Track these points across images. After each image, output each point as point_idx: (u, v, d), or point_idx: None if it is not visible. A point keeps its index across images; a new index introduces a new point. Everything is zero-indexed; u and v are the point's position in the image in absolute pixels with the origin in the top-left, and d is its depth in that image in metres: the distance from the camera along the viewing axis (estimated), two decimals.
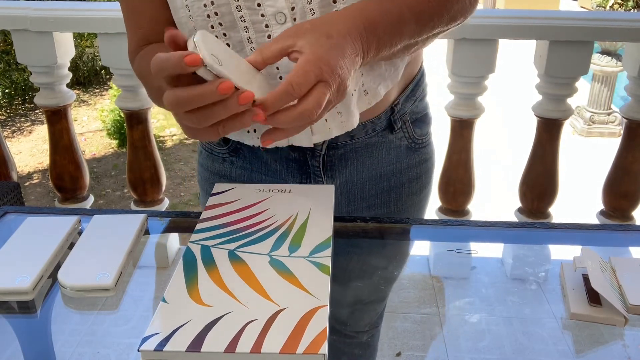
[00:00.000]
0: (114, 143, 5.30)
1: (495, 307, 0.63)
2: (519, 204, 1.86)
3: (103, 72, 6.89)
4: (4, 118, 5.94)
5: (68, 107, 1.84)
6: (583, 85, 3.18)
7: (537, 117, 1.72)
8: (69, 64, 1.80)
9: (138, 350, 0.47)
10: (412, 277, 0.71)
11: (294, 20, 0.66)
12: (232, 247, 0.61)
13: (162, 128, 5.54)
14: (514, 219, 1.83)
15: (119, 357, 0.57)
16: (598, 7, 8.91)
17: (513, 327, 0.61)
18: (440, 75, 1.78)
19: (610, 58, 5.44)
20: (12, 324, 0.61)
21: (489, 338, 0.59)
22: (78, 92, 6.48)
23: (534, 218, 1.83)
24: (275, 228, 0.64)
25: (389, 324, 0.64)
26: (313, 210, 0.67)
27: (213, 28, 0.68)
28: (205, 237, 0.63)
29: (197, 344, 0.47)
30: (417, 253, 0.76)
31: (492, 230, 0.77)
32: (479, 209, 1.98)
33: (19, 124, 5.81)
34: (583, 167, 4.61)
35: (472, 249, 0.74)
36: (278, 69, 0.70)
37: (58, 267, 0.66)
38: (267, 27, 0.67)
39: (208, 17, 0.67)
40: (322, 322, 0.49)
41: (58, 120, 1.84)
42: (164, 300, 0.52)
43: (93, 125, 5.74)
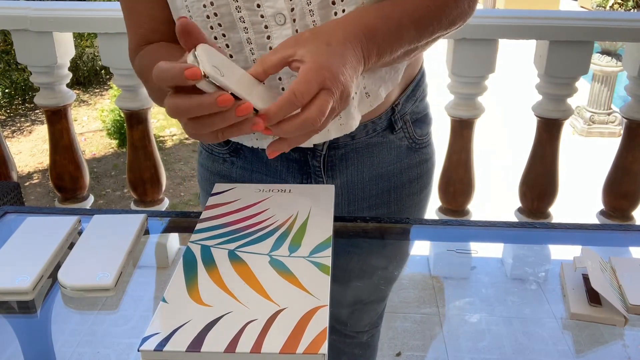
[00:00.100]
0: (114, 143, 5.30)
1: (495, 307, 0.63)
2: (519, 204, 1.86)
3: (103, 72, 6.89)
4: (4, 118, 5.94)
5: (68, 107, 1.84)
6: (583, 85, 3.18)
7: (537, 117, 1.72)
8: (69, 64, 1.80)
9: (138, 350, 0.47)
10: (412, 277, 0.71)
11: (294, 22, 0.66)
12: (232, 247, 0.61)
13: (162, 128, 5.54)
14: (514, 219, 1.83)
15: (119, 357, 0.57)
16: (598, 7, 8.92)
17: (513, 327, 0.61)
18: (441, 77, 1.78)
19: (610, 58, 5.44)
20: (12, 324, 0.61)
21: (489, 338, 0.59)
22: (78, 92, 6.48)
23: (534, 218, 1.83)
24: (275, 228, 0.64)
25: (389, 324, 0.64)
26: (313, 210, 0.67)
27: (212, 29, 0.68)
28: (205, 237, 0.63)
29: (197, 344, 0.47)
30: (417, 253, 0.76)
31: (492, 230, 0.77)
32: (479, 209, 1.98)
33: (19, 124, 5.81)
34: (583, 167, 4.61)
35: (472, 249, 0.74)
36: (280, 79, 0.70)
37: (58, 267, 0.66)
38: (266, 28, 0.67)
39: (208, 17, 0.67)
40: (322, 322, 0.49)
41: (58, 120, 1.84)
42: (164, 300, 0.52)
43: (93, 125, 5.74)
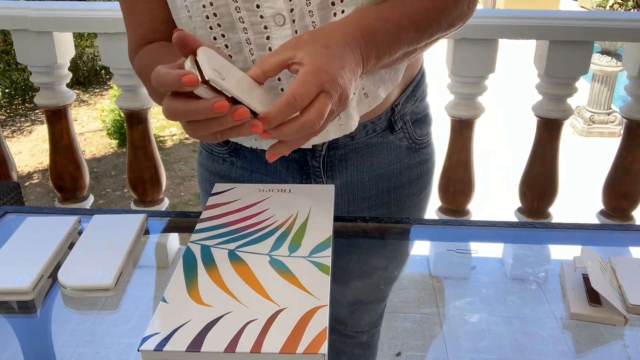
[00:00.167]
0: (114, 143, 5.30)
1: (495, 307, 0.63)
2: (519, 204, 1.86)
3: (103, 72, 6.89)
4: (4, 118, 5.94)
5: (68, 107, 1.84)
6: (583, 85, 3.18)
7: (537, 117, 1.72)
8: (69, 64, 1.80)
9: (138, 350, 0.47)
10: (412, 277, 0.71)
11: (293, 22, 0.66)
12: (232, 247, 0.61)
13: (162, 128, 5.54)
14: (514, 219, 1.83)
15: (119, 357, 0.57)
16: (598, 7, 8.92)
17: (513, 327, 0.61)
18: (441, 78, 1.78)
19: (610, 58, 5.44)
20: (12, 324, 0.61)
21: (489, 338, 0.59)
22: (78, 92, 6.48)
23: (534, 218, 1.83)
24: (275, 228, 0.64)
25: (389, 324, 0.64)
26: (313, 210, 0.67)
27: (212, 29, 0.68)
28: (205, 237, 0.63)
29: (197, 344, 0.47)
30: (417, 253, 0.76)
31: (492, 230, 0.77)
32: (479, 209, 1.98)
33: (19, 124, 5.81)
34: (583, 167, 4.61)
35: (472, 249, 0.74)
36: (280, 80, 0.70)
37: (58, 267, 0.66)
38: (265, 28, 0.67)
39: (207, 17, 0.67)
40: (322, 322, 0.49)
41: (58, 120, 1.84)
42: (164, 300, 0.52)
43: (93, 125, 5.74)
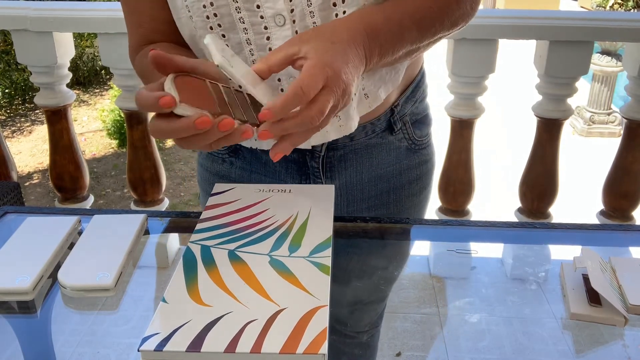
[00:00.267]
0: (114, 143, 5.30)
1: (495, 307, 0.63)
2: (519, 204, 1.86)
3: (103, 72, 6.89)
4: (4, 118, 5.94)
5: (68, 107, 1.84)
6: (583, 85, 3.18)
7: (537, 117, 1.72)
8: (69, 64, 1.80)
9: (138, 350, 0.47)
10: (412, 277, 0.71)
11: (293, 23, 0.66)
12: (232, 247, 0.61)
13: None
14: (514, 219, 1.83)
15: (119, 357, 0.57)
16: (598, 7, 8.91)
17: (513, 327, 0.61)
18: (441, 78, 1.78)
19: (610, 58, 5.44)
20: (12, 324, 0.61)
21: (489, 338, 0.59)
22: (78, 92, 6.48)
23: (534, 218, 1.83)
24: (275, 228, 0.64)
25: (389, 324, 0.64)
26: (313, 210, 0.67)
27: (212, 29, 0.68)
28: (205, 237, 0.63)
29: (197, 344, 0.47)
30: (417, 253, 0.76)
31: (492, 230, 0.77)
32: (479, 209, 1.98)
33: (19, 124, 5.81)
34: (583, 167, 4.61)
35: (472, 249, 0.74)
36: (280, 81, 0.70)
37: (58, 267, 0.66)
38: (266, 28, 0.67)
39: (207, 18, 0.67)
40: (322, 322, 0.49)
41: (58, 120, 1.84)
42: (164, 300, 0.52)
43: (93, 125, 5.74)
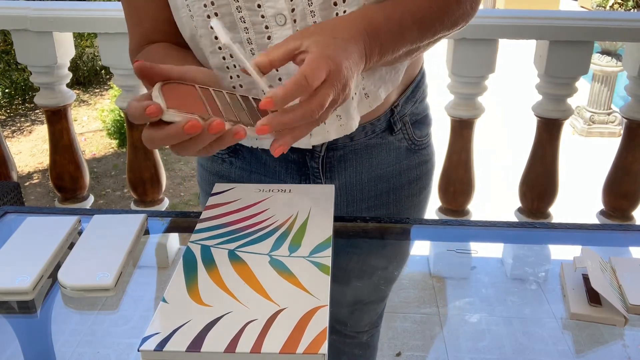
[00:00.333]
0: (114, 143, 5.30)
1: (495, 307, 0.63)
2: (519, 204, 1.86)
3: (103, 72, 6.88)
4: (4, 118, 5.94)
5: (68, 107, 1.84)
6: (583, 85, 3.18)
7: (537, 117, 1.72)
8: (69, 64, 1.80)
9: (138, 350, 0.47)
10: (412, 277, 0.71)
11: (294, 22, 0.66)
12: (232, 247, 0.61)
13: None
14: (514, 219, 1.83)
15: (119, 357, 0.57)
16: (598, 7, 8.91)
17: (513, 327, 0.61)
18: (441, 79, 1.78)
19: (610, 58, 5.44)
20: (12, 324, 0.61)
21: (489, 338, 0.59)
22: (78, 92, 6.48)
23: (534, 218, 1.83)
24: (275, 228, 0.64)
25: (389, 324, 0.64)
26: (313, 210, 0.67)
27: (212, 28, 0.68)
28: (205, 237, 0.63)
29: (197, 344, 0.47)
30: (417, 253, 0.76)
31: (492, 230, 0.77)
32: (479, 209, 1.98)
33: (19, 124, 5.81)
34: (583, 167, 4.61)
35: (472, 249, 0.74)
36: (280, 80, 0.70)
37: (58, 267, 0.66)
38: (267, 28, 0.67)
39: (208, 17, 0.67)
40: (322, 322, 0.49)
41: (58, 120, 1.84)
42: (164, 300, 0.52)
43: (93, 125, 5.73)
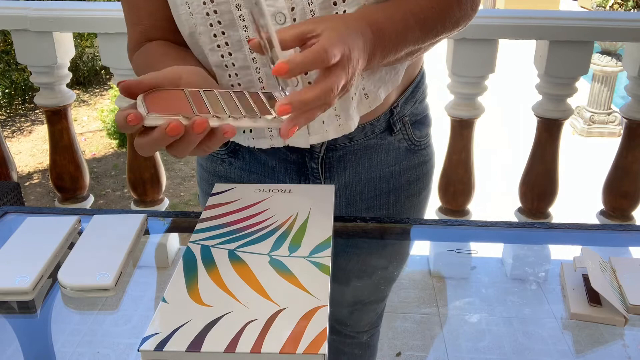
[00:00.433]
0: (114, 143, 5.30)
1: (495, 307, 0.63)
2: (519, 204, 1.86)
3: (103, 72, 6.88)
4: (4, 118, 5.94)
5: (68, 107, 1.84)
6: (583, 85, 3.18)
7: (537, 117, 1.72)
8: (69, 64, 1.80)
9: (138, 350, 0.47)
10: (412, 277, 0.71)
11: (294, 21, 0.66)
12: (232, 247, 0.61)
13: None
14: (514, 219, 1.83)
15: (119, 357, 0.57)
16: (598, 7, 8.92)
17: (513, 327, 0.61)
18: (441, 80, 1.78)
19: (610, 58, 5.44)
20: (12, 324, 0.61)
21: (489, 338, 0.59)
22: (78, 92, 6.48)
23: (534, 218, 1.83)
24: (275, 228, 0.64)
25: (389, 324, 0.64)
26: (313, 210, 0.67)
27: (212, 26, 0.68)
28: (205, 237, 0.63)
29: (197, 344, 0.47)
30: (417, 253, 0.76)
31: (492, 230, 0.76)
32: (479, 209, 1.98)
33: (19, 124, 5.80)
34: (583, 167, 4.61)
35: (472, 249, 0.74)
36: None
37: (58, 267, 0.66)
38: None
39: (207, 15, 0.67)
40: (322, 322, 0.49)
41: (58, 120, 1.84)
42: (164, 300, 0.52)
43: (93, 125, 5.73)
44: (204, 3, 0.66)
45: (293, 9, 0.66)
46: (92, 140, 5.43)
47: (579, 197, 3.79)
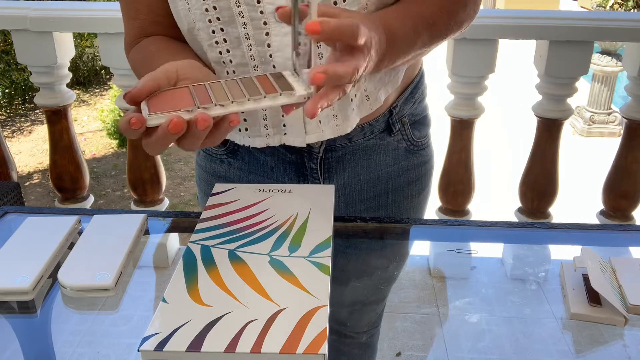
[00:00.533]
0: (114, 143, 5.30)
1: (495, 307, 0.63)
2: (519, 204, 1.86)
3: (103, 72, 6.89)
4: (4, 118, 5.94)
5: (68, 107, 1.84)
6: (583, 85, 3.18)
7: (537, 117, 1.72)
8: (69, 64, 1.80)
9: (138, 350, 0.47)
10: (412, 277, 0.71)
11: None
12: (232, 247, 0.61)
13: None
14: (514, 219, 1.83)
15: (119, 357, 0.57)
16: (598, 7, 8.91)
17: (513, 327, 0.61)
18: (441, 81, 1.78)
19: (610, 58, 5.44)
20: (12, 324, 0.61)
21: (489, 338, 0.59)
22: (78, 92, 6.48)
23: (534, 218, 1.83)
24: (275, 228, 0.64)
25: (389, 324, 0.64)
26: (313, 210, 0.67)
27: (211, 22, 0.68)
28: (205, 237, 0.63)
29: (197, 344, 0.47)
30: (417, 253, 0.76)
31: (492, 230, 0.77)
32: (479, 209, 1.98)
33: (19, 124, 5.81)
34: (583, 167, 4.61)
35: (472, 249, 0.74)
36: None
37: (58, 267, 0.66)
38: (265, 24, 0.67)
39: (206, 10, 0.67)
40: (322, 322, 0.49)
41: (58, 120, 1.84)
42: (164, 300, 0.52)
43: (93, 125, 5.74)
44: None
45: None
46: (92, 140, 5.43)
47: (579, 197, 3.79)
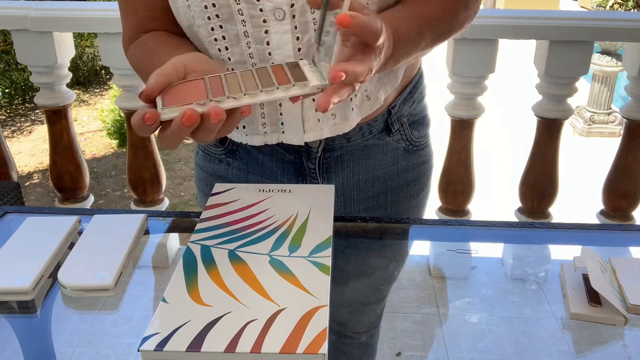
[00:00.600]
0: (114, 143, 5.30)
1: (495, 307, 0.63)
2: (519, 204, 1.86)
3: (103, 72, 6.88)
4: (4, 118, 5.94)
5: (68, 107, 1.84)
6: (583, 85, 3.18)
7: (537, 117, 1.72)
8: (69, 64, 1.80)
9: (138, 350, 0.47)
10: (412, 277, 0.71)
11: (293, 17, 0.66)
12: (232, 247, 0.61)
13: None
14: (514, 219, 1.83)
15: (119, 357, 0.57)
16: (598, 7, 8.91)
17: (513, 327, 0.61)
18: (441, 81, 1.78)
19: (610, 58, 5.44)
20: (12, 324, 0.61)
21: (489, 338, 0.59)
22: (78, 92, 6.48)
23: (534, 218, 1.83)
24: (275, 228, 0.64)
25: (389, 324, 0.64)
26: (313, 210, 0.67)
27: (210, 19, 0.68)
28: (205, 237, 0.63)
29: (197, 344, 0.47)
30: (417, 253, 0.76)
31: (492, 230, 0.77)
32: (479, 209, 1.98)
33: (19, 124, 5.80)
34: (583, 167, 4.61)
35: (472, 249, 0.74)
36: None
37: (58, 267, 0.66)
38: (264, 22, 0.67)
39: (205, 7, 0.67)
40: (322, 322, 0.49)
41: (58, 120, 1.84)
42: (164, 300, 0.52)
43: (93, 125, 5.73)
44: None
45: (292, 6, 0.66)
46: (92, 140, 5.43)
47: (579, 197, 3.79)
